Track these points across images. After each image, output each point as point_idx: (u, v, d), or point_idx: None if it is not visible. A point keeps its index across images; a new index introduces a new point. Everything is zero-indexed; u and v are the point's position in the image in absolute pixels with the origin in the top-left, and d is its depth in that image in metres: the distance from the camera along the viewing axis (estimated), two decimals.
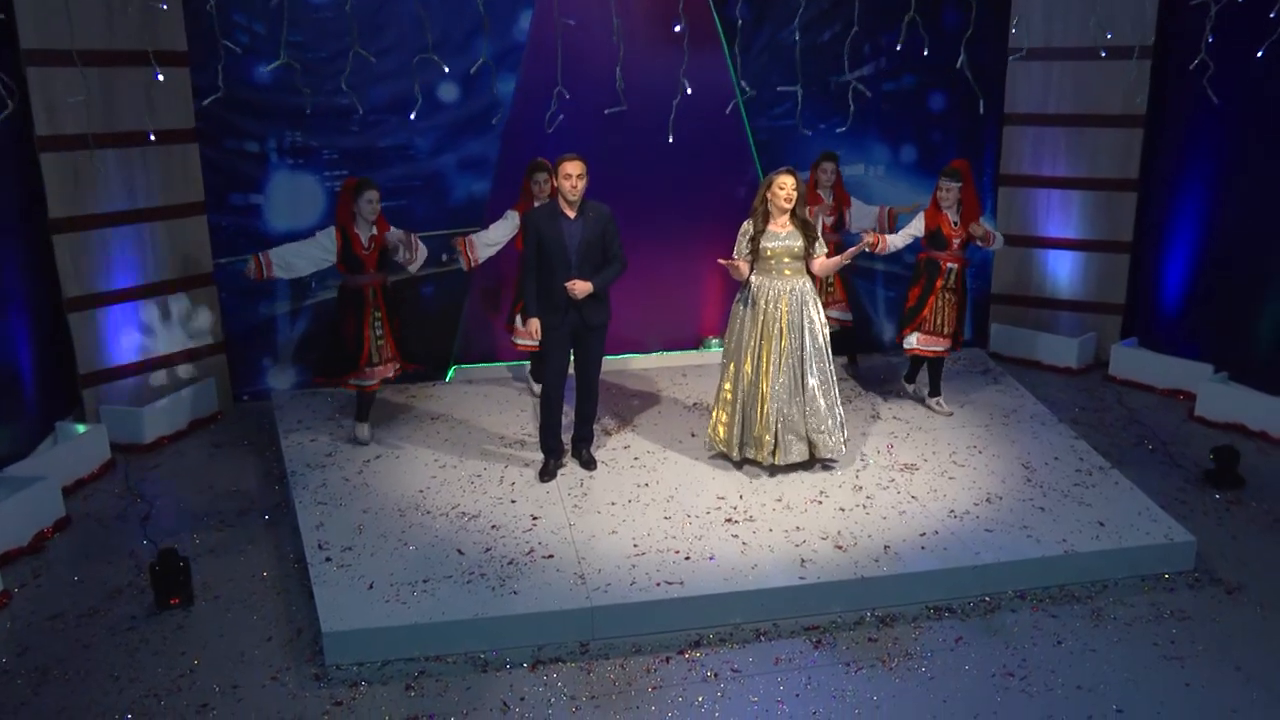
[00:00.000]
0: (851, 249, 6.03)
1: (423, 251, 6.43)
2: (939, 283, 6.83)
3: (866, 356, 8.18)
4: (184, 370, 7.21)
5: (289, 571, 5.35)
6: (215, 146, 7.09)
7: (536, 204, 6.52)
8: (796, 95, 7.18)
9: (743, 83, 7.51)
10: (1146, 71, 7.78)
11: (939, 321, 6.86)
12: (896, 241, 6.73)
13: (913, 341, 6.94)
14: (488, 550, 5.27)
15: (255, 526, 5.83)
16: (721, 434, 6.16)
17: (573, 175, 5.64)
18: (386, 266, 6.38)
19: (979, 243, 6.82)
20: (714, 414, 6.22)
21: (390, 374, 6.47)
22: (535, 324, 5.80)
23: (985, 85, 8.09)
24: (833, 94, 7.91)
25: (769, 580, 4.97)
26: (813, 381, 5.96)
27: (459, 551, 5.26)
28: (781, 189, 5.85)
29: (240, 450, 6.80)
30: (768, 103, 7.87)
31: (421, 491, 5.90)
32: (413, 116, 6.85)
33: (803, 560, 5.14)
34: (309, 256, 6.29)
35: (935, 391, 7.09)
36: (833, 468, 6.12)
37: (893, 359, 8.12)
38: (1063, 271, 8.36)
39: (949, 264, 6.80)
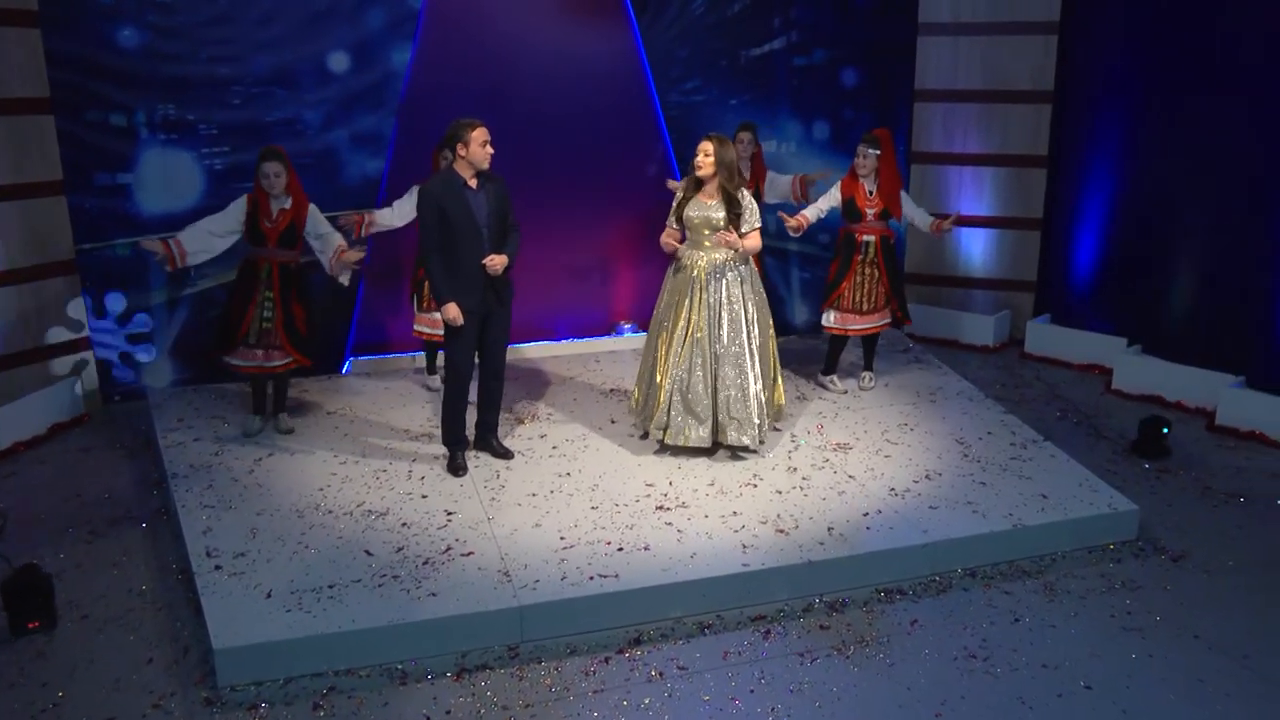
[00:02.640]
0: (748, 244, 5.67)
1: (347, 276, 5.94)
2: (856, 257, 6.63)
3: (784, 339, 7.92)
4: (42, 368, 6.45)
5: (172, 584, 4.75)
6: (75, 119, 6.36)
7: None
8: None
9: None
10: (1053, 47, 7.75)
11: (858, 298, 6.65)
12: (810, 215, 6.54)
13: (830, 319, 6.72)
14: (400, 550, 4.78)
15: (131, 536, 5.19)
16: (635, 404, 5.99)
17: (488, 142, 5.24)
18: (296, 246, 5.83)
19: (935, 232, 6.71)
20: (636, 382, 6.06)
21: (275, 364, 5.90)
22: (455, 309, 5.28)
23: (894, 61, 8.00)
24: (742, 68, 7.67)
25: (710, 569, 4.61)
26: (727, 363, 5.65)
27: (367, 553, 4.75)
28: (698, 154, 5.58)
29: (112, 454, 6.10)
30: (677, 78, 7.56)
31: (321, 490, 5.36)
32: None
33: (744, 546, 4.80)
34: (226, 228, 5.75)
35: (867, 365, 6.94)
36: (745, 458, 5.75)
37: (809, 341, 7.89)
38: (976, 249, 8.28)
39: (865, 237, 6.61)
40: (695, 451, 5.74)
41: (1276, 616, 4.51)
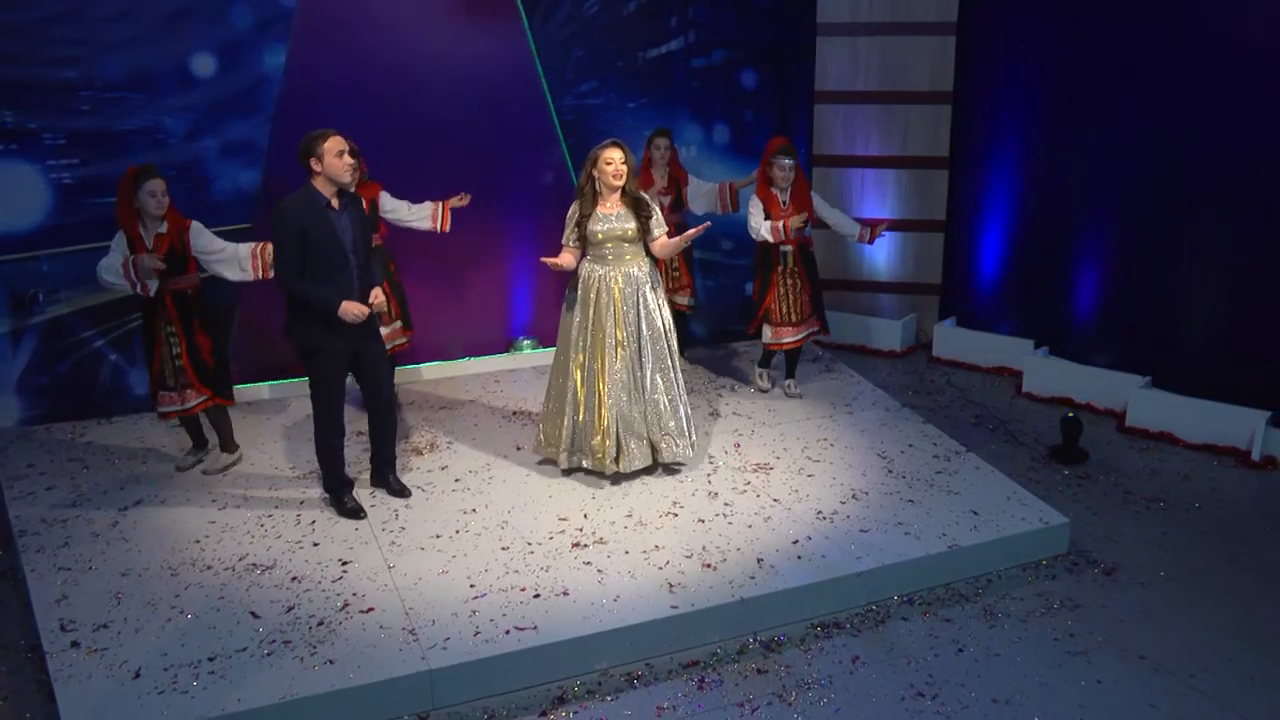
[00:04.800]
0: (693, 230, 5.40)
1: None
2: (777, 269, 6.42)
3: (689, 350, 7.65)
4: None
5: (19, 666, 4.13)
6: None
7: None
8: None
9: None
10: (951, 47, 7.66)
11: (784, 310, 6.44)
12: (765, 233, 6.32)
13: (767, 335, 6.55)
14: (290, 610, 4.28)
15: None
16: (549, 438, 5.50)
17: (345, 152, 4.73)
18: (189, 270, 5.29)
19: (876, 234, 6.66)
20: (543, 412, 5.56)
21: (191, 405, 5.35)
22: (355, 306, 4.72)
23: (794, 62, 7.81)
24: (639, 70, 7.35)
25: (636, 613, 4.25)
26: (654, 377, 5.35)
27: (253, 615, 4.23)
28: (609, 164, 5.21)
29: None
30: (572, 80, 7.19)
31: (198, 542, 4.80)
32: None
33: (670, 585, 4.46)
34: (114, 269, 5.19)
35: (790, 374, 6.78)
36: (678, 472, 5.50)
37: (717, 352, 7.62)
38: (880, 253, 8.14)
39: (783, 247, 6.40)
40: (607, 478, 5.39)
41: (1213, 630, 4.41)
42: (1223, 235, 6.25)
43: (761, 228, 6.28)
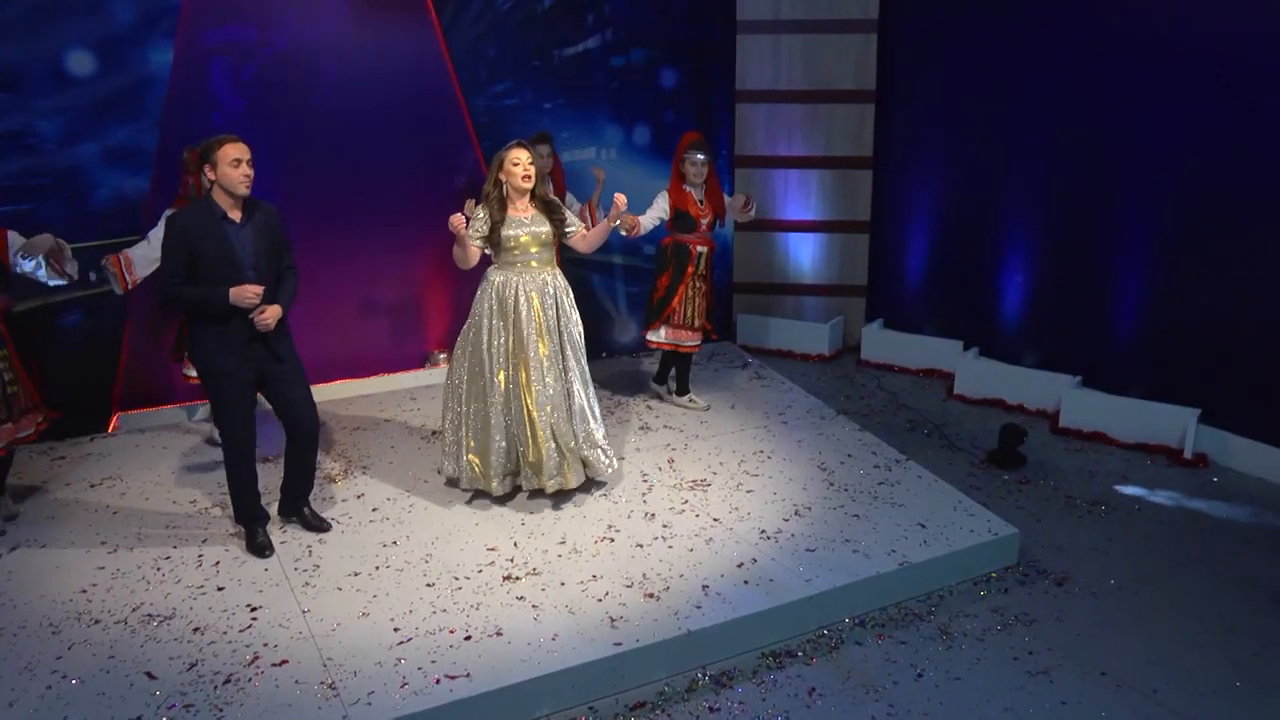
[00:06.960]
0: (610, 215, 5.07)
1: (73, 265, 4.86)
2: (690, 269, 6.16)
3: (615, 360, 7.39)
4: None
5: None
6: None
7: None
8: None
9: None
10: (873, 45, 7.54)
11: (689, 313, 6.20)
12: (646, 223, 5.98)
13: (661, 335, 6.24)
14: (193, 666, 3.85)
15: None
16: (476, 464, 5.06)
17: (243, 161, 4.29)
18: (9, 287, 4.76)
19: (742, 214, 6.30)
20: (461, 441, 5.09)
21: (28, 432, 4.82)
22: (242, 290, 4.29)
23: (714, 60, 7.59)
24: (556, 69, 7.04)
25: (577, 653, 3.93)
26: (579, 390, 5.07)
27: (150, 675, 3.79)
28: (516, 165, 4.93)
29: None
30: (486, 80, 6.84)
31: (84, 592, 4.32)
32: None
33: (612, 619, 4.15)
34: None
35: (684, 389, 6.45)
36: (608, 492, 5.21)
37: (643, 359, 7.37)
38: (805, 255, 7.99)
39: (699, 248, 6.15)
40: (536, 502, 5.07)
41: (1168, 640, 4.30)
42: (1148, 232, 6.21)
43: (645, 218, 5.94)
